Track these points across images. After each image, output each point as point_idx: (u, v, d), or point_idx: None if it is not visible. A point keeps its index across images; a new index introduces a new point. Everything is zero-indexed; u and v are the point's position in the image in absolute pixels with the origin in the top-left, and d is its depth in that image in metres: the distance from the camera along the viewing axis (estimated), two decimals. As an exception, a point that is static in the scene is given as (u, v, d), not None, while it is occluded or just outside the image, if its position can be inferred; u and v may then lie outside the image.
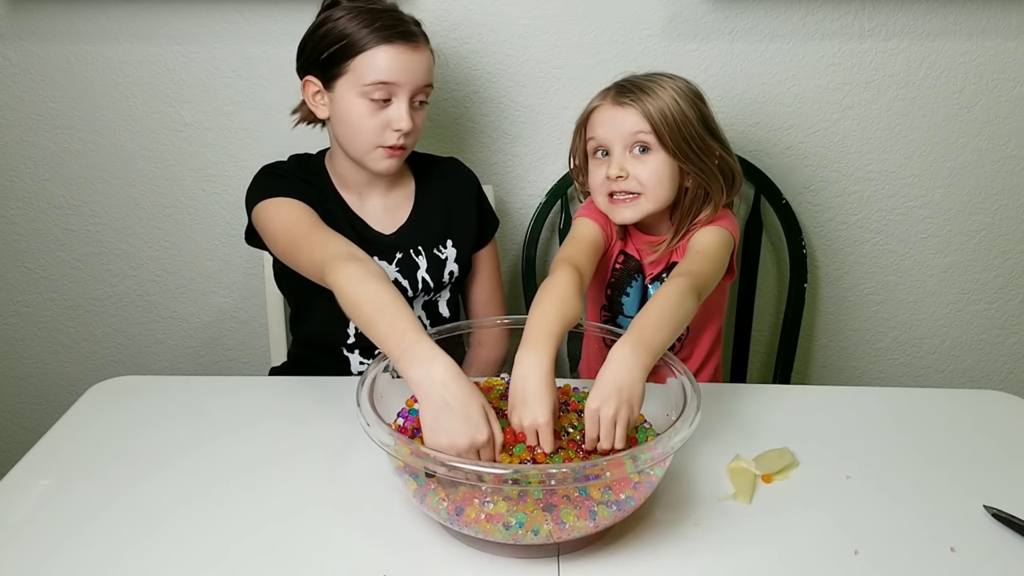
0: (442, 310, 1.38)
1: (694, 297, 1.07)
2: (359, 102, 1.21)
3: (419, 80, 1.22)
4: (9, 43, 1.54)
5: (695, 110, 1.20)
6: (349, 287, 1.04)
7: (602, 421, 0.91)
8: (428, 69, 1.24)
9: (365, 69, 1.19)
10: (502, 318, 1.14)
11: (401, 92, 1.21)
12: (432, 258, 1.34)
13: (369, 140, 1.23)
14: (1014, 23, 1.52)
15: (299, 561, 0.88)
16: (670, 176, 1.21)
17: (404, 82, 1.21)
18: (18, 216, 1.66)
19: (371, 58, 1.19)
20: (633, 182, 1.21)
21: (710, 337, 1.36)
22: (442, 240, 1.35)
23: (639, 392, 0.93)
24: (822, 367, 1.78)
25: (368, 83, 1.19)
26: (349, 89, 1.21)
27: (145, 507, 0.96)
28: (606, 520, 0.87)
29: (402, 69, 1.20)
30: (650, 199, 1.22)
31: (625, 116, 1.20)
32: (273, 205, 1.23)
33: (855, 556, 0.89)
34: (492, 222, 1.43)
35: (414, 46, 1.21)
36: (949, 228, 1.67)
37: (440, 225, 1.35)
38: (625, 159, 1.21)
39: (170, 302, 1.73)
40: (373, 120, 1.21)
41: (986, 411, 1.19)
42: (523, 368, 0.95)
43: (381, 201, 1.34)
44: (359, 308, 1.02)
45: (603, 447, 0.93)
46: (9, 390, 1.80)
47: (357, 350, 1.34)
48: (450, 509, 0.87)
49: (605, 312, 1.37)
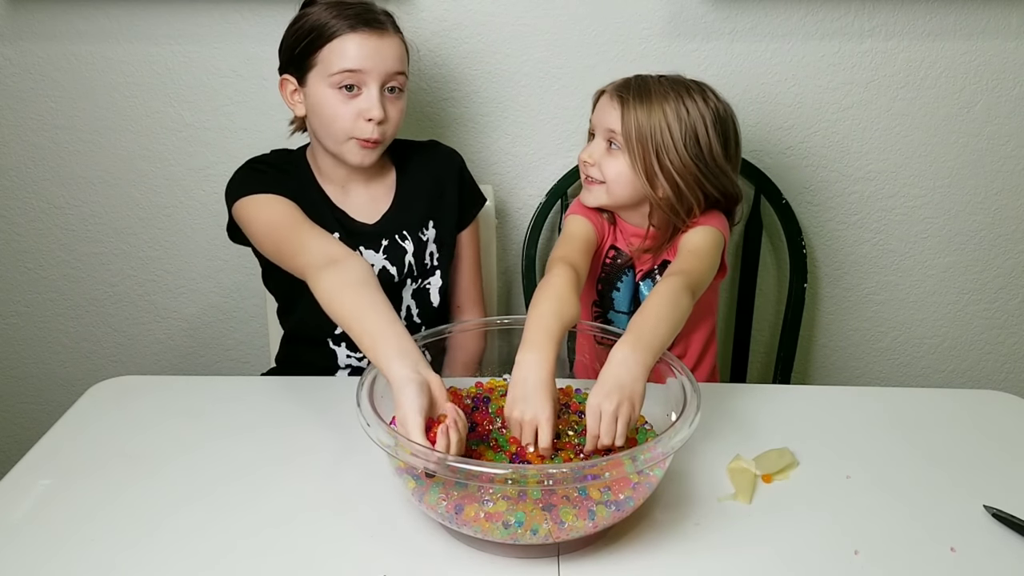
0: (433, 299, 1.37)
1: (689, 295, 1.08)
2: (330, 92, 1.21)
3: (387, 67, 1.21)
4: (9, 43, 1.54)
5: (689, 134, 1.20)
6: (324, 300, 1.07)
7: (603, 416, 0.91)
8: (397, 57, 1.23)
9: (332, 58, 1.20)
10: (497, 319, 1.15)
11: (370, 80, 1.21)
12: (417, 241, 1.34)
13: (343, 130, 1.23)
14: (1014, 23, 1.52)
15: (299, 561, 0.88)
16: (629, 179, 1.23)
17: (371, 69, 1.20)
18: (18, 216, 1.66)
19: (337, 46, 1.20)
20: (597, 171, 1.25)
21: (703, 336, 1.36)
22: (425, 223, 1.35)
23: (640, 390, 0.94)
24: (822, 367, 1.78)
25: (335, 71, 1.20)
26: (320, 80, 1.22)
27: (145, 507, 0.96)
28: (605, 520, 0.87)
29: (368, 56, 1.20)
30: (609, 192, 1.25)
31: (610, 111, 1.23)
32: (253, 203, 1.23)
33: (855, 556, 0.89)
34: (477, 199, 1.42)
35: (380, 32, 1.21)
36: (949, 228, 1.67)
37: (424, 207, 1.35)
38: (598, 148, 1.25)
39: (170, 302, 1.73)
40: (344, 109, 1.21)
41: (986, 411, 1.18)
42: (524, 368, 0.95)
43: (363, 191, 1.33)
44: (339, 322, 1.06)
45: (604, 443, 0.93)
46: (9, 390, 1.80)
47: (343, 342, 1.34)
48: (449, 508, 0.87)
49: (596, 307, 1.37)
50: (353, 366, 1.34)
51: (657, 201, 1.23)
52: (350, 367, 1.34)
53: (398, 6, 1.47)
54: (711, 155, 1.22)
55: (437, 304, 1.37)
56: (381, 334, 0.98)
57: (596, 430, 0.93)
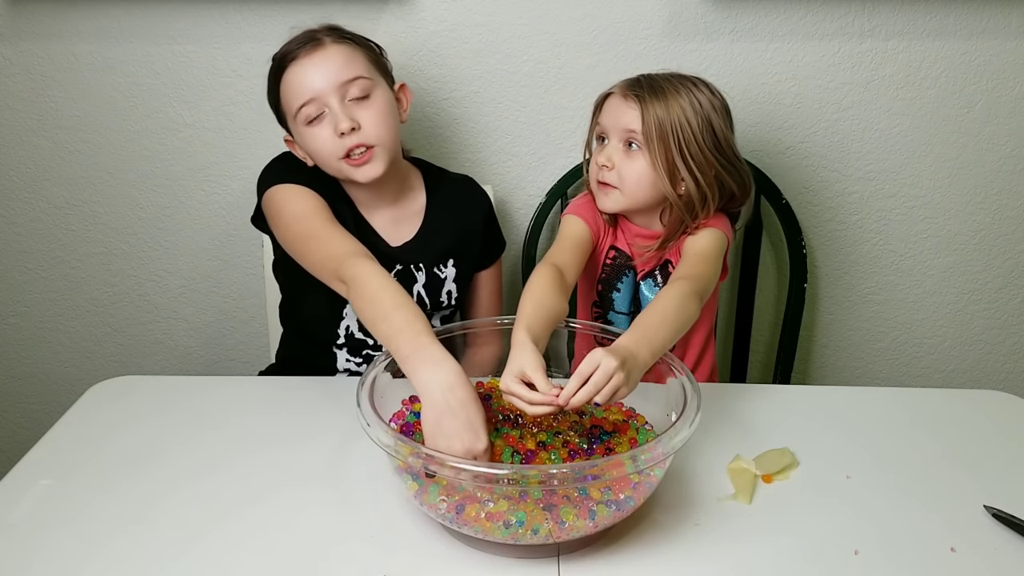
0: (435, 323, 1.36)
1: (696, 301, 1.09)
2: (305, 129, 1.20)
3: (335, 78, 1.17)
4: (9, 43, 1.54)
5: (705, 125, 1.20)
6: (370, 280, 1.05)
7: (600, 367, 0.90)
8: (344, 63, 1.18)
9: (288, 98, 1.20)
10: (500, 318, 1.15)
11: (326, 98, 1.18)
12: (431, 276, 1.32)
13: (331, 154, 1.19)
14: (1014, 23, 1.52)
15: (299, 561, 0.88)
16: (650, 180, 1.21)
17: (320, 87, 1.17)
18: (18, 216, 1.66)
19: (286, 85, 1.20)
20: (615, 175, 1.23)
21: (701, 336, 1.36)
22: (443, 260, 1.33)
23: (635, 379, 0.94)
24: (822, 367, 1.78)
25: (295, 110, 1.19)
26: (294, 124, 1.21)
27: (145, 507, 0.96)
28: (605, 520, 0.87)
29: (312, 79, 1.17)
30: (626, 195, 1.23)
31: (625, 111, 1.21)
32: (288, 191, 1.22)
33: (855, 556, 0.89)
34: (498, 244, 1.42)
35: (313, 49, 1.18)
36: (949, 228, 1.67)
37: (446, 244, 1.33)
38: (616, 151, 1.23)
39: (170, 302, 1.73)
40: (323, 137, 1.19)
41: (986, 411, 1.19)
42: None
43: (389, 213, 1.31)
44: (377, 301, 1.03)
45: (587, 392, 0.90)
46: (9, 390, 1.80)
47: (345, 348, 1.33)
48: (450, 508, 0.87)
49: (596, 308, 1.37)
50: (351, 371, 1.34)
51: (676, 200, 1.21)
52: (348, 371, 1.34)
53: (398, 6, 1.47)
54: (727, 144, 1.22)
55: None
56: (426, 321, 0.99)
57: (587, 375, 0.90)
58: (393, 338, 0.98)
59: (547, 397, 0.90)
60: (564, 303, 1.09)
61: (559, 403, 0.90)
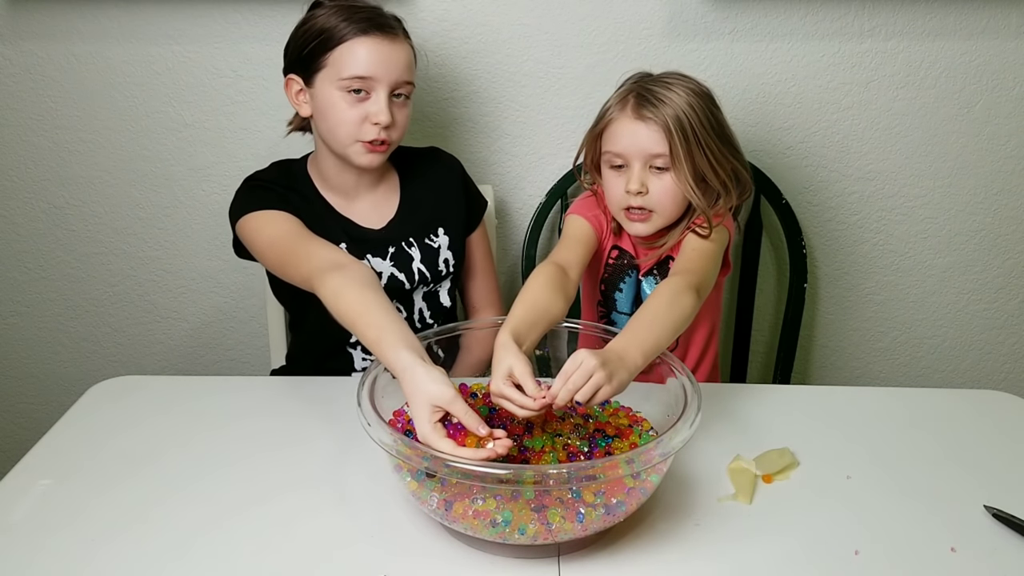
0: (443, 300, 1.37)
1: (692, 295, 1.08)
2: (338, 95, 1.21)
3: (397, 75, 1.22)
4: (9, 43, 1.54)
5: (709, 115, 1.19)
6: (330, 300, 1.07)
7: (581, 366, 0.91)
8: (407, 65, 1.23)
9: (343, 62, 1.20)
10: (500, 319, 1.15)
11: (379, 86, 1.21)
12: (425, 248, 1.33)
13: (349, 134, 1.22)
14: (1014, 23, 1.52)
15: (299, 561, 0.88)
16: (680, 194, 1.20)
17: (381, 76, 1.20)
18: (18, 216, 1.66)
19: (348, 50, 1.19)
20: (649, 199, 1.21)
21: (704, 334, 1.36)
22: (432, 229, 1.35)
23: (624, 381, 0.94)
24: (822, 367, 1.78)
25: (346, 76, 1.20)
26: (328, 83, 1.21)
27: (145, 507, 0.96)
28: (595, 524, 0.86)
29: (379, 62, 1.20)
30: (662, 215, 1.23)
31: (646, 132, 1.18)
32: (256, 220, 1.23)
33: (855, 556, 0.89)
34: (480, 203, 1.43)
35: (392, 38, 1.21)
36: (949, 228, 1.67)
37: (429, 214, 1.35)
38: (645, 174, 1.20)
39: (170, 302, 1.73)
40: (352, 113, 1.21)
41: (986, 411, 1.19)
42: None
43: (368, 198, 1.33)
44: (344, 319, 1.05)
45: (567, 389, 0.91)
46: (9, 390, 1.80)
47: (359, 347, 1.34)
48: (440, 504, 0.87)
49: (600, 308, 1.37)
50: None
51: (704, 207, 1.20)
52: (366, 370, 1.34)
53: (398, 6, 1.47)
54: (729, 131, 1.23)
55: (448, 305, 1.38)
56: (388, 327, 0.99)
57: (569, 374, 0.91)
58: (372, 351, 1.00)
59: (537, 402, 0.92)
60: (560, 302, 1.09)
61: (546, 402, 0.92)
